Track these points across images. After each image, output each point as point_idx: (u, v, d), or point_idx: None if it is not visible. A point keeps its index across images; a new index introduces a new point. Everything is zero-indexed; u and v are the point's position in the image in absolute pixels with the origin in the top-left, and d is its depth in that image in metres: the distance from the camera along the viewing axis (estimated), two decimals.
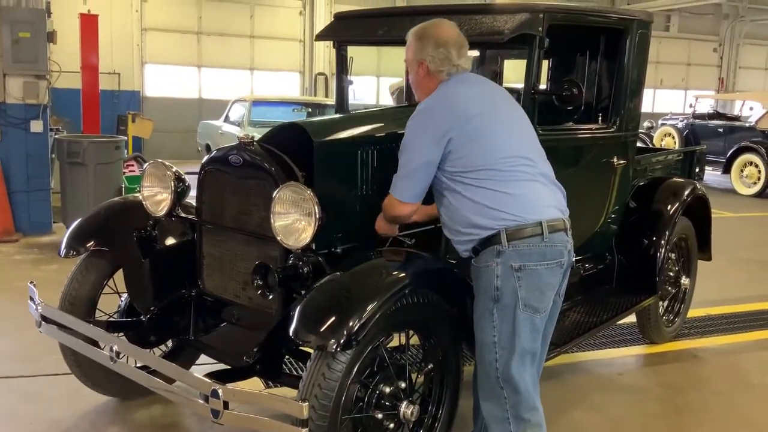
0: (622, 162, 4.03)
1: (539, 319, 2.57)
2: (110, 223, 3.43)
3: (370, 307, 2.41)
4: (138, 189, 3.37)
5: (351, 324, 2.35)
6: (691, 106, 15.96)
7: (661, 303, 4.71)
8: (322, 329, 2.36)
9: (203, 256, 3.24)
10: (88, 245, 3.31)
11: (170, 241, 3.37)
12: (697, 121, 14.76)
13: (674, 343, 4.88)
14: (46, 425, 3.39)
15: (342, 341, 2.32)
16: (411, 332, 2.80)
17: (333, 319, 2.39)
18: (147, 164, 3.32)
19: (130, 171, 8.56)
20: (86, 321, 3.06)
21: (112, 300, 3.50)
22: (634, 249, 4.42)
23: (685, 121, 15.12)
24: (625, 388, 4.14)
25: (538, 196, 2.60)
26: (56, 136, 7.67)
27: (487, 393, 2.63)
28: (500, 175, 2.54)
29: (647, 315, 4.63)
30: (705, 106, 16.21)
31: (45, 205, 7.55)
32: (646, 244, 4.42)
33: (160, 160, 3.31)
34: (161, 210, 3.24)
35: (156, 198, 3.26)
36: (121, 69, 14.84)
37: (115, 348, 2.66)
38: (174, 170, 3.28)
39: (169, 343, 3.58)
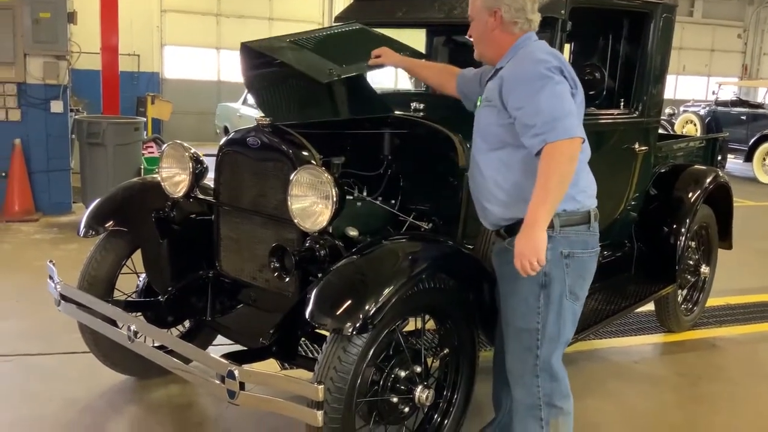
0: (643, 148, 3.98)
1: (579, 308, 2.55)
2: (129, 203, 3.45)
3: (386, 291, 2.40)
4: (156, 170, 3.38)
5: (367, 308, 2.35)
6: (713, 93, 15.72)
7: (679, 291, 4.67)
8: (338, 312, 2.35)
9: (220, 238, 3.24)
10: (106, 225, 3.33)
11: (188, 222, 3.37)
12: (720, 109, 14.55)
13: (692, 332, 4.84)
14: (63, 404, 3.42)
15: (358, 325, 2.32)
16: (427, 317, 2.79)
17: (349, 302, 2.38)
18: (165, 145, 3.33)
19: (149, 152, 8.60)
20: (104, 300, 3.08)
21: (131, 280, 3.52)
22: (654, 237, 4.38)
23: (708, 108, 14.91)
24: (641, 377, 4.12)
25: (590, 181, 2.57)
26: (76, 117, 7.72)
27: (519, 379, 2.60)
28: None
29: (666, 303, 4.58)
30: (728, 93, 15.97)
31: (65, 185, 7.61)
32: (666, 231, 4.37)
33: (178, 141, 3.31)
34: (179, 191, 3.24)
35: (174, 179, 3.27)
36: (141, 50, 14.87)
37: (132, 327, 2.67)
38: (192, 151, 3.29)
39: (187, 324, 3.61)
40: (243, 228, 3.13)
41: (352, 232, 2.97)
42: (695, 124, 14.69)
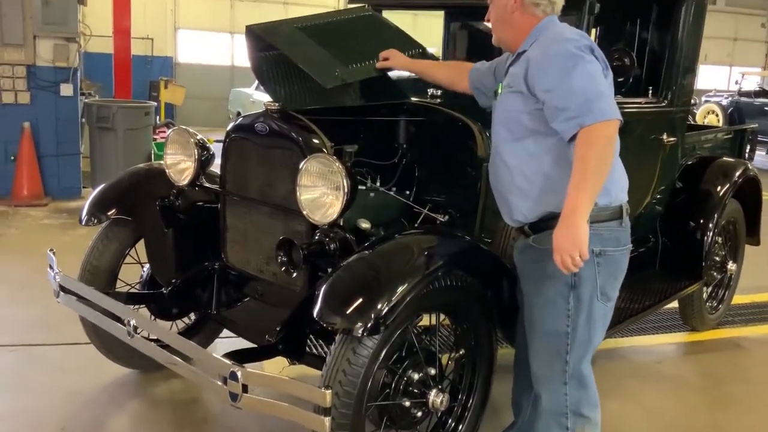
0: (672, 140, 3.79)
1: (610, 310, 2.40)
2: (133, 191, 3.31)
3: (400, 289, 2.25)
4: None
5: (379, 307, 2.19)
6: (736, 83, 15.40)
7: (704, 289, 4.48)
8: (348, 311, 2.20)
9: (227, 228, 3.10)
10: (109, 213, 3.20)
11: (194, 211, 3.23)
12: (743, 99, 14.25)
13: (716, 330, 4.66)
14: (63, 397, 3.31)
15: (369, 325, 2.16)
16: (442, 316, 2.63)
17: (360, 300, 2.23)
18: (170, 131, 3.18)
19: (161, 137, 8.49)
20: (105, 292, 2.95)
21: (135, 270, 3.39)
22: (680, 232, 4.20)
23: (730, 98, 14.60)
24: (663, 377, 3.95)
25: (622, 173, 2.41)
26: (86, 101, 7.60)
27: (545, 385, 2.44)
28: None
29: (690, 301, 4.40)
30: (751, 84, 15.63)
31: (75, 169, 7.52)
32: (692, 227, 4.19)
33: (183, 127, 3.17)
34: (184, 179, 3.10)
35: (179, 166, 3.13)
36: (154, 34, 14.77)
37: (132, 322, 2.54)
38: (198, 138, 3.14)
39: (192, 316, 3.48)
40: (250, 218, 2.99)
41: (364, 225, 2.83)
42: (717, 115, 14.40)
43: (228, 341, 3.59)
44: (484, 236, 3.07)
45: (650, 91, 3.74)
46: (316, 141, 2.73)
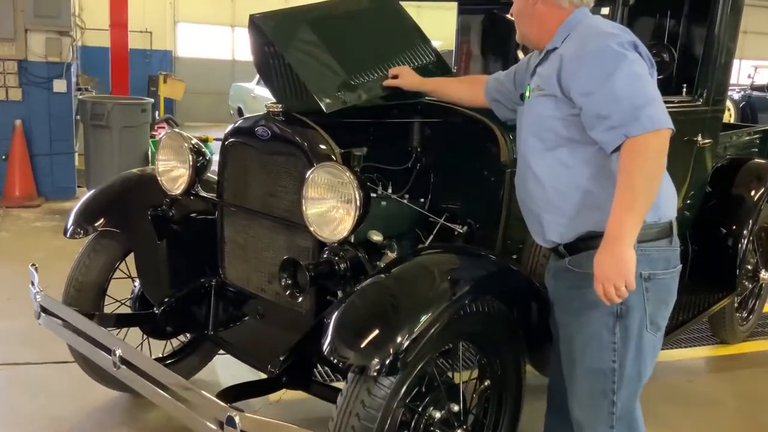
0: (707, 141, 3.50)
1: (660, 340, 2.11)
2: (123, 199, 3.03)
3: (422, 320, 1.95)
4: None
5: (399, 341, 1.90)
6: (749, 76, 15.07)
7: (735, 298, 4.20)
8: (363, 346, 1.91)
9: (225, 242, 2.82)
10: (96, 224, 2.91)
11: (189, 222, 2.95)
12: (755, 93, 13.95)
13: (747, 343, 4.38)
14: (46, 423, 3.04)
15: (387, 362, 1.87)
16: (466, 344, 2.35)
17: (376, 333, 1.94)
18: (163, 134, 2.89)
19: (161, 133, 8.21)
20: (91, 314, 2.67)
21: (125, 285, 3.11)
22: (711, 239, 3.90)
23: (742, 92, 14.28)
24: (697, 399, 3.66)
25: (670, 185, 2.12)
26: (80, 97, 7.30)
27: (589, 429, 2.15)
28: None
29: (721, 312, 4.11)
30: (764, 77, 15.29)
31: (69, 168, 7.24)
32: (724, 233, 3.91)
33: (177, 131, 2.88)
34: (178, 187, 2.82)
35: (172, 174, 2.84)
36: (153, 27, 14.47)
37: (118, 353, 2.25)
38: (194, 142, 2.86)
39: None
40: (250, 232, 2.71)
41: (376, 237, 2.55)
42: (729, 110, 14.08)
43: (229, 358, 3.31)
44: (508, 250, 2.79)
45: (685, 89, 3.45)
46: (323, 147, 2.45)
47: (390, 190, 2.83)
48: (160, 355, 3.26)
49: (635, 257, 1.86)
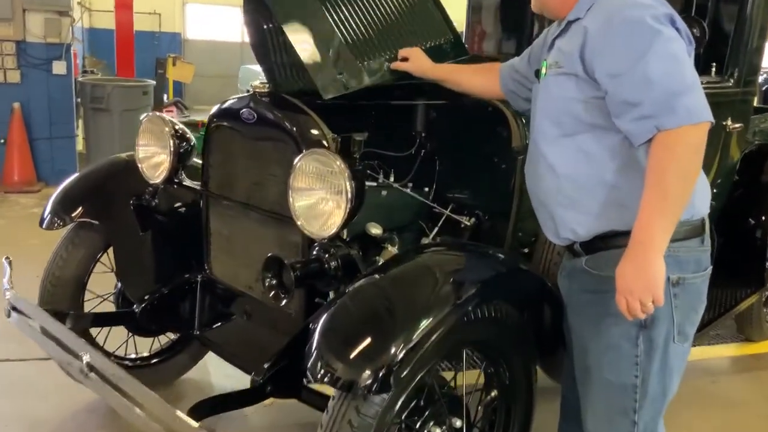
0: (737, 125, 3.21)
1: (687, 350, 1.88)
2: (105, 187, 2.83)
3: (422, 326, 1.73)
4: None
5: (393, 351, 1.67)
6: None
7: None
8: (351, 357, 1.69)
9: (210, 235, 2.61)
10: (73, 215, 2.70)
11: (174, 213, 2.74)
12: None
13: None
14: (25, 425, 2.85)
15: (380, 377, 1.65)
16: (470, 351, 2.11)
17: (368, 342, 1.71)
18: (143, 117, 2.67)
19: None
20: (63, 314, 2.47)
21: (108, 279, 2.91)
22: (738, 230, 3.65)
23: (765, 74, 13.81)
24: (722, 402, 3.42)
25: (704, 178, 1.85)
26: (79, 79, 7.10)
27: None
28: None
29: (748, 308, 3.85)
30: None
31: (69, 152, 7.04)
32: (752, 225, 3.66)
33: (158, 114, 2.64)
34: (159, 175, 2.60)
35: (153, 160, 2.63)
36: (162, 9, 14.24)
37: (86, 359, 2.04)
38: (178, 126, 2.63)
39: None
40: (237, 224, 2.49)
41: (375, 230, 2.32)
42: None
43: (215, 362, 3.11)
44: (519, 244, 2.55)
45: (714, 68, 3.17)
46: (314, 132, 2.22)
47: (392, 178, 2.59)
48: (146, 354, 3.06)
49: (664, 268, 1.61)
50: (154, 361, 3.02)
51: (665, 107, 1.59)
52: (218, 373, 3.28)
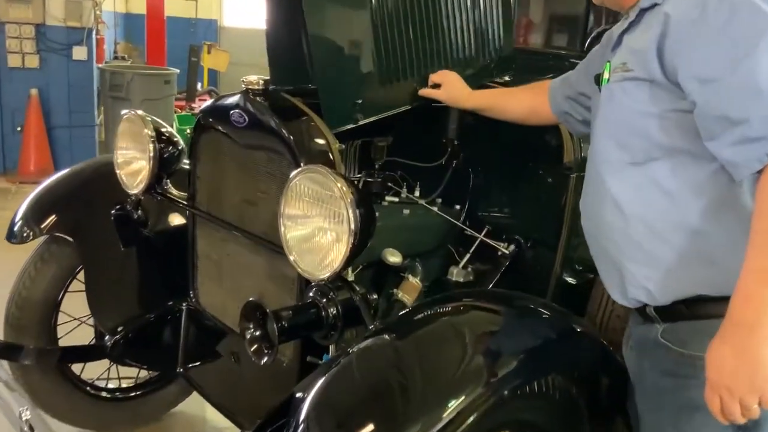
0: None
1: None
2: (82, 195, 2.42)
3: (449, 408, 1.28)
4: (188, 131, 2.32)
5: None
6: None
7: None
8: None
9: (197, 257, 2.19)
10: (42, 227, 2.31)
11: (156, 228, 2.34)
12: None
13: None
14: None
15: None
16: None
17: (372, 429, 1.27)
18: (123, 114, 2.25)
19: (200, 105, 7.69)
20: (18, 348, 2.08)
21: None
22: None
23: None
24: None
25: None
26: (99, 66, 6.78)
27: None
28: None
29: None
30: None
31: (89, 141, 6.73)
32: None
33: (139, 112, 2.21)
34: (138, 184, 2.19)
35: (132, 167, 2.21)
36: None
37: (25, 416, 1.64)
38: (164, 129, 2.21)
39: None
40: (225, 248, 2.07)
41: (393, 258, 1.90)
42: None
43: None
44: (568, 282, 2.08)
45: None
46: (317, 141, 1.78)
47: (417, 193, 2.15)
48: (132, 383, 2.67)
49: None
50: (137, 393, 2.62)
51: None
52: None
